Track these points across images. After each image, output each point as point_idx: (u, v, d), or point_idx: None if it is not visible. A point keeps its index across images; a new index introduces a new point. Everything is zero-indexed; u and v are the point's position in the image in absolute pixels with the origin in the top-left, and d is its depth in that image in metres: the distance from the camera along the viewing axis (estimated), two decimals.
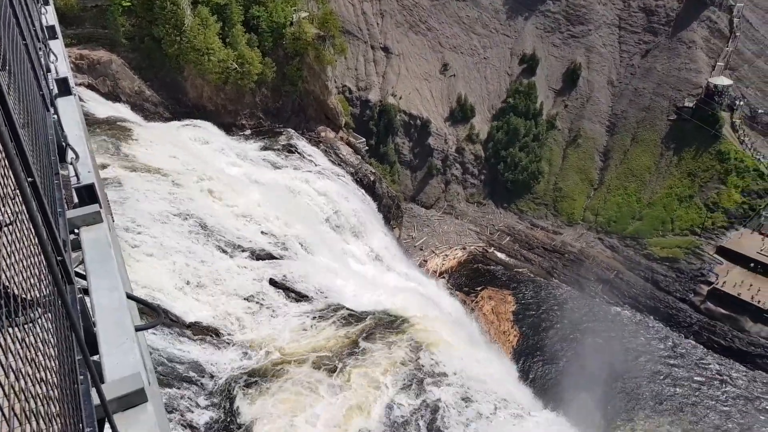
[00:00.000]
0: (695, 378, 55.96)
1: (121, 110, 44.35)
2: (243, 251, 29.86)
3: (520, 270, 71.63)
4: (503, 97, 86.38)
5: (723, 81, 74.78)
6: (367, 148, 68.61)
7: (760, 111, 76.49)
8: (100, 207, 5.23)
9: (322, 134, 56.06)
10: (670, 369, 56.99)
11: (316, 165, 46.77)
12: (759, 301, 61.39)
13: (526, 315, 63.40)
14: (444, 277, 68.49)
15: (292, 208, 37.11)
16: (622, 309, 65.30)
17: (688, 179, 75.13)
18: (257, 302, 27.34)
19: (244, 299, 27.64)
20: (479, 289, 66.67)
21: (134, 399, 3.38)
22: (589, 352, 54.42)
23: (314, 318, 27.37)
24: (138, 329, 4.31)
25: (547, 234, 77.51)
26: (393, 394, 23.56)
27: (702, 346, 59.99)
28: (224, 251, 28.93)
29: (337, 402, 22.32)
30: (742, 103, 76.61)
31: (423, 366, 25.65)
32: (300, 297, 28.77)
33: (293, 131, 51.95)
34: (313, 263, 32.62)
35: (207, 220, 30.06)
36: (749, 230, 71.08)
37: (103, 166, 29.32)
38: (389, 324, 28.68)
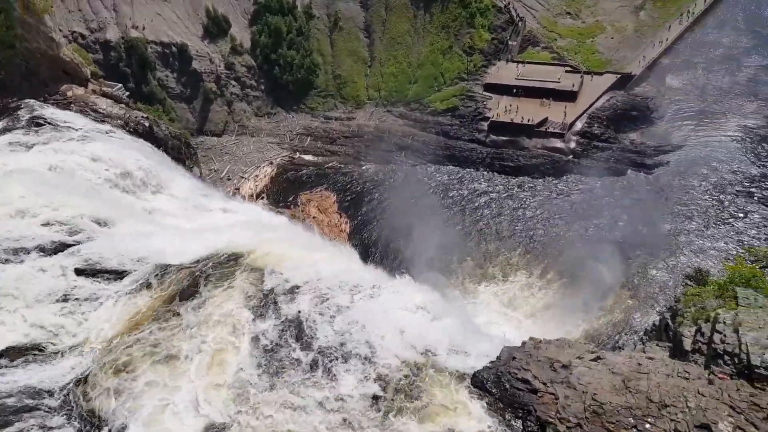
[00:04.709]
0: (501, 200, 64.57)
1: None
2: (29, 252, 25.99)
3: (330, 164, 73.31)
4: None
5: None
6: (128, 93, 61.81)
7: None
8: None
9: (69, 93, 48.77)
10: (481, 201, 64.78)
11: (76, 130, 40.94)
12: (529, 120, 71.01)
13: (348, 202, 66.18)
14: (262, 198, 67.60)
15: (68, 186, 32.69)
16: (427, 166, 71.15)
17: (443, 32, 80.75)
18: (71, 298, 24.50)
19: (55, 301, 24.57)
20: (294, 197, 67.20)
21: None
22: (412, 214, 59.18)
23: (142, 288, 25.48)
24: None
25: (342, 123, 79.33)
26: (253, 325, 23.50)
27: (498, 174, 68.66)
28: (6, 261, 24.88)
29: (200, 357, 21.71)
30: None
31: (273, 288, 25.71)
32: (118, 274, 26.35)
33: (33, 101, 44.23)
34: (118, 235, 29.70)
35: None
36: (504, 62, 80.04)
37: None
38: (225, 262, 27.85)
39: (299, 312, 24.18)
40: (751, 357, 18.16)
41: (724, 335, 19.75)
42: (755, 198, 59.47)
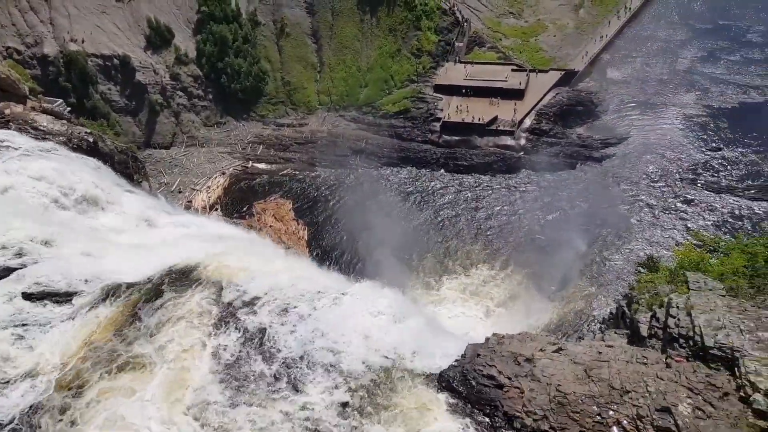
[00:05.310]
0: (457, 198, 65.32)
1: None
2: None
3: (284, 172, 72.52)
4: (195, 7, 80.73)
5: None
6: (69, 108, 59.60)
7: None
8: None
9: (7, 111, 46.60)
10: (437, 200, 65.31)
11: (15, 149, 39.10)
12: (479, 119, 72.08)
13: (306, 209, 65.60)
14: (216, 209, 66.22)
15: (8, 208, 31.17)
16: (382, 169, 71.27)
17: (391, 35, 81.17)
18: (19, 324, 23.31)
19: (3, 328, 23.33)
20: (249, 207, 66.15)
21: None
22: (371, 216, 59.17)
23: (94, 308, 24.47)
24: None
25: (295, 129, 78.66)
26: (213, 340, 22.89)
27: (452, 173, 69.42)
28: None
29: (159, 376, 20.99)
30: None
31: (231, 301, 25.14)
32: (68, 296, 25.23)
33: None
34: (66, 256, 28.44)
35: None
36: (452, 63, 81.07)
37: None
38: (180, 277, 27.06)
39: (260, 324, 23.72)
40: (704, 339, 18.80)
41: (678, 319, 20.40)
42: (699, 184, 62.12)
